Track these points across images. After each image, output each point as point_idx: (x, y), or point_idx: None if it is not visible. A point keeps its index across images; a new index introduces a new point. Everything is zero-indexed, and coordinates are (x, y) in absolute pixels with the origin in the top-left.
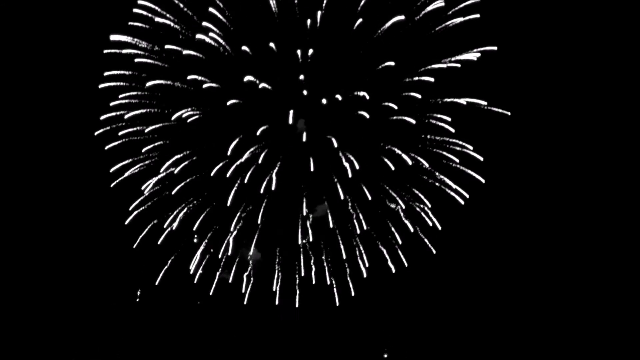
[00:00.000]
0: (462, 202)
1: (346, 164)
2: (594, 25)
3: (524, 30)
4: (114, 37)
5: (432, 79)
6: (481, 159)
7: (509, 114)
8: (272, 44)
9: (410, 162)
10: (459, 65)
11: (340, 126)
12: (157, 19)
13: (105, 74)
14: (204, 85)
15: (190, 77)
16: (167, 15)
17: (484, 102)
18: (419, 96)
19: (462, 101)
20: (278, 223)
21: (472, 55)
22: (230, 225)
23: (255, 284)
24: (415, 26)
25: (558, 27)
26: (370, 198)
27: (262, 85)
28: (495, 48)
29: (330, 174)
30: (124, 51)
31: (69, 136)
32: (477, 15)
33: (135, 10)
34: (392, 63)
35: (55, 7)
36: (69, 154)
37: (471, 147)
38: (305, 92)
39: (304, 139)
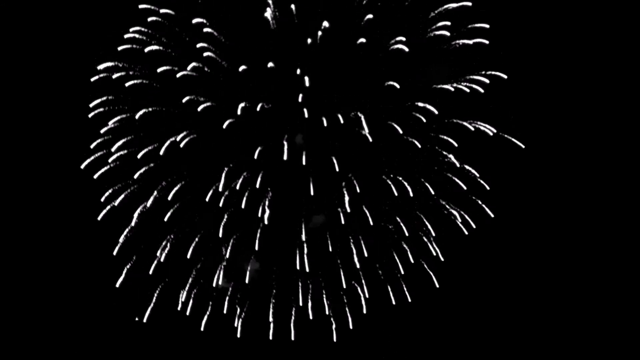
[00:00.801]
0: (467, 232)
1: (345, 192)
2: (618, 59)
3: (536, 60)
4: (102, 66)
5: (436, 107)
6: (487, 187)
7: (523, 146)
8: (270, 63)
9: (411, 193)
10: (467, 89)
11: (342, 148)
12: (148, 48)
13: (92, 104)
14: (199, 107)
15: (185, 99)
16: (161, 38)
17: (493, 130)
18: (424, 119)
19: (470, 127)
20: (275, 249)
21: (481, 81)
22: (224, 252)
23: (249, 313)
24: (420, 47)
25: (576, 61)
26: (372, 223)
27: (260, 105)
28: (504, 76)
29: (332, 197)
30: (115, 76)
31: (57, 165)
32: (486, 42)
33: (126, 35)
34: (395, 84)
35: (40, 32)
36: (58, 182)
37: (477, 174)
38: (305, 112)
39: (304, 162)
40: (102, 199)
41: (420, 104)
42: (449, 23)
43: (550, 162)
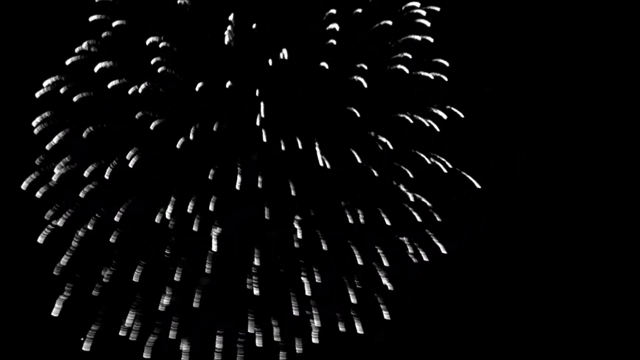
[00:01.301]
0: (415, 261)
1: (299, 217)
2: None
3: (495, 101)
4: (48, 81)
5: (394, 136)
6: (439, 219)
7: (479, 186)
8: (229, 82)
9: (362, 220)
10: (425, 122)
11: (300, 174)
12: (98, 61)
13: (37, 119)
14: (152, 125)
15: (137, 115)
16: (113, 51)
17: (449, 165)
18: (381, 148)
19: (427, 159)
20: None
21: (439, 115)
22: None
23: (196, 339)
24: (381, 74)
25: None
26: (325, 248)
27: (216, 125)
28: (462, 115)
29: (286, 222)
30: (62, 90)
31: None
32: (446, 78)
33: (77, 49)
34: (355, 110)
35: None
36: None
37: (430, 205)
38: (263, 134)
39: (260, 185)
40: (45, 218)
41: (372, 134)
42: (410, 55)
43: (504, 201)
